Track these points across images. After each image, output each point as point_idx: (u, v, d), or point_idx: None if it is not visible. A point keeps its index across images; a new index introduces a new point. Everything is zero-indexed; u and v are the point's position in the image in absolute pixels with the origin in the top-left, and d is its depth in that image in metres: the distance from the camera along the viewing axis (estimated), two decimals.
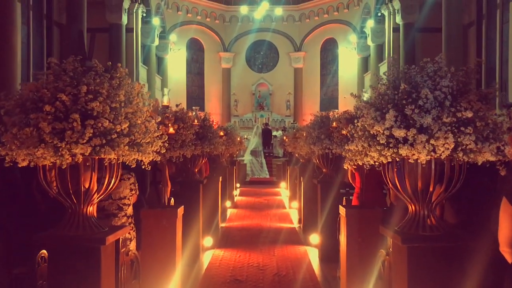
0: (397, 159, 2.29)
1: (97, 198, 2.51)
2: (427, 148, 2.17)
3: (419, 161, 2.26)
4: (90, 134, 2.16)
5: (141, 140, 2.37)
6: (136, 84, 2.37)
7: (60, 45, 16.28)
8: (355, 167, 2.54)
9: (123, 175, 3.50)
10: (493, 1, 15.54)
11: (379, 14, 20.05)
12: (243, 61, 27.41)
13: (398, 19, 17.60)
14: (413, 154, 2.23)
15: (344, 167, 2.56)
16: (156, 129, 2.52)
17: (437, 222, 2.42)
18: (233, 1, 26.63)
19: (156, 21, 21.17)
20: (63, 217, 2.49)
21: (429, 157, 2.22)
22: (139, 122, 2.35)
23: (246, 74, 27.11)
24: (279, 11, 25.63)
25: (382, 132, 2.22)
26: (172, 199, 4.96)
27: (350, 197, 5.66)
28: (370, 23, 21.04)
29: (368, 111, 2.35)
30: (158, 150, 2.57)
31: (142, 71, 20.21)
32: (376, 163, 2.37)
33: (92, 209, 2.49)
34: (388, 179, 2.46)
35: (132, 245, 3.46)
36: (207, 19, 26.34)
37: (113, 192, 3.42)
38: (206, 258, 6.34)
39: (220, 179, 8.51)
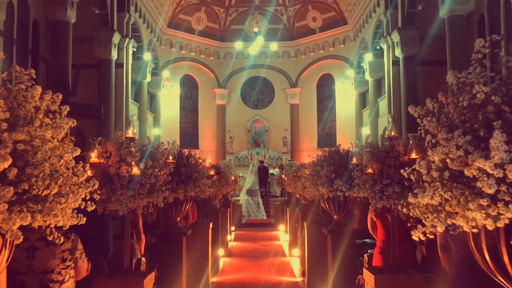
0: None
1: None
2: None
3: None
4: None
5: (42, 191, 1.31)
6: (36, 90, 1.34)
7: (46, 81, 15.59)
8: (431, 235, 1.48)
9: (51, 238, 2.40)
10: (497, 33, 15.03)
11: (377, 48, 19.50)
12: (238, 97, 26.74)
13: (398, 52, 16.98)
14: None
15: (413, 237, 1.49)
16: (81, 170, 1.47)
17: None
18: (228, 38, 26.24)
19: (147, 56, 20.54)
20: None
21: None
22: (40, 157, 1.30)
23: (241, 111, 26.37)
24: (274, 46, 25.21)
25: (490, 172, 1.18)
26: (143, 259, 3.85)
27: (369, 251, 4.58)
28: (368, 57, 20.47)
29: (448, 135, 1.31)
30: (83, 207, 1.50)
31: (133, 108, 19.39)
32: (474, 230, 1.31)
33: None
34: (485, 256, 1.40)
35: None
36: (201, 55, 25.87)
37: (33, 263, 2.32)
38: None
39: (211, 226, 7.36)
